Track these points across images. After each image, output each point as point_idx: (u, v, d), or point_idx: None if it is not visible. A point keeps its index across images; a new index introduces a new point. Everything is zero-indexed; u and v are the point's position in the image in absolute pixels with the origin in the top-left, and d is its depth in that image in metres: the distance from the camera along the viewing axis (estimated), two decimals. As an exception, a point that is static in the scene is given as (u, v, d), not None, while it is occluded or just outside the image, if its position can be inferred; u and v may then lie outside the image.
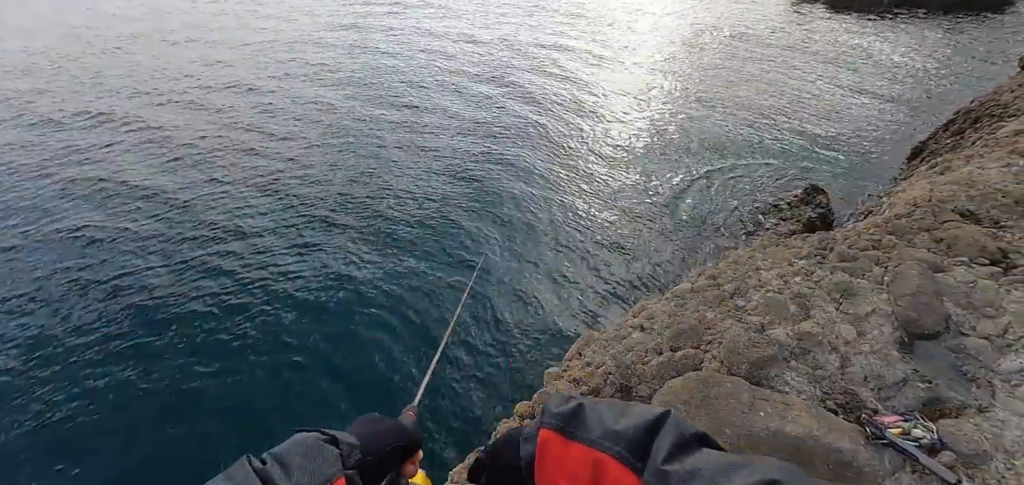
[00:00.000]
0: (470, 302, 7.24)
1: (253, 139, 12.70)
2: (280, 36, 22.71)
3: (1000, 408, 2.98)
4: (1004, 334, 3.12)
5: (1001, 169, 4.93)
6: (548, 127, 13.14)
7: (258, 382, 6.28)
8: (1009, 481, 2.74)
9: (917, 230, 4.29)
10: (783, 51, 19.43)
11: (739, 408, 2.79)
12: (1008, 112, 7.89)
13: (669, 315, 3.78)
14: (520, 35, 21.84)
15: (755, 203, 9.83)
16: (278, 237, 8.97)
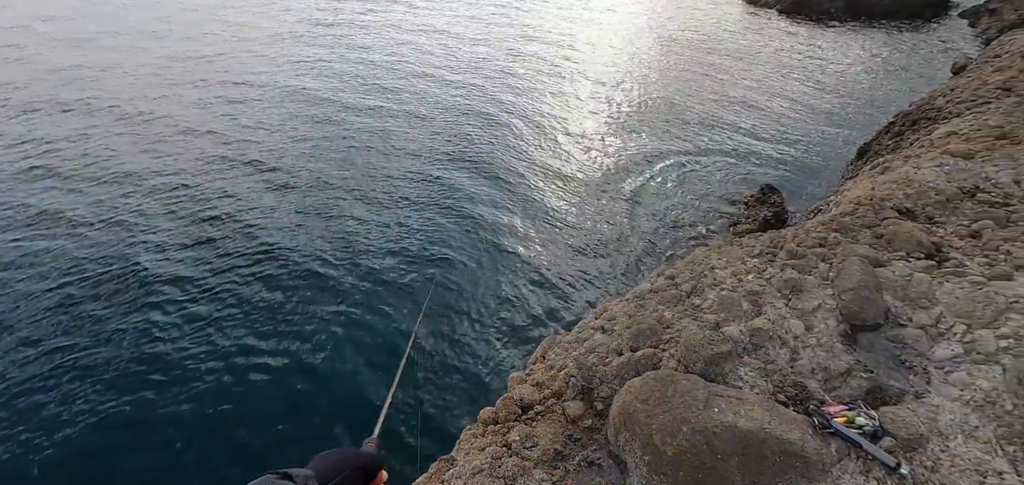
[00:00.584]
0: (433, 310, 7.16)
1: (213, 146, 12.26)
2: (243, 34, 22.05)
3: (935, 394, 3.17)
4: (937, 324, 3.32)
5: (935, 168, 5.25)
6: (505, 136, 13.17)
7: (214, 414, 6.00)
8: (943, 462, 2.91)
9: (860, 227, 4.52)
10: (739, 55, 20.16)
11: (695, 405, 2.86)
12: (941, 115, 8.42)
13: (629, 316, 3.85)
14: (474, 49, 21.87)
15: (713, 203, 10.14)
16: (232, 250, 8.66)
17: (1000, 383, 3.02)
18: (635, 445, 3.04)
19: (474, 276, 8.04)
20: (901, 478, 2.80)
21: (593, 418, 3.44)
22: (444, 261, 8.32)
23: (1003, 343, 3.07)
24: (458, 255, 8.51)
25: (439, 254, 8.49)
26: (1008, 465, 2.85)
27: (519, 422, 3.66)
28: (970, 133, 6.68)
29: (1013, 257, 4.09)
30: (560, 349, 4.10)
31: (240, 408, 6.04)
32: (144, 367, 6.54)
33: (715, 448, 2.76)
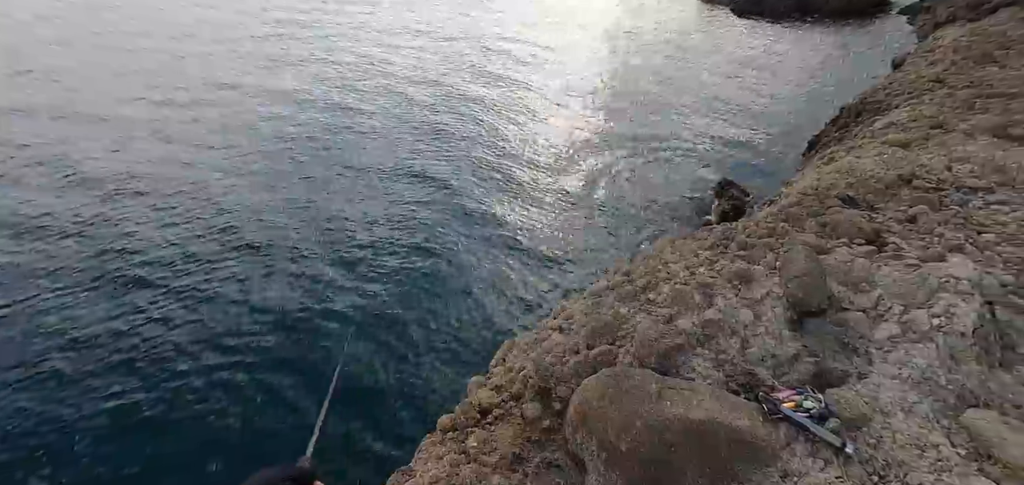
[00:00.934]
0: (392, 318, 7.03)
1: (163, 160, 11.72)
2: (201, 34, 21.21)
3: (876, 373, 3.28)
4: (877, 306, 3.45)
5: (875, 158, 5.49)
6: (464, 135, 13.14)
7: (157, 435, 5.72)
8: (885, 439, 3.02)
9: (806, 216, 4.67)
10: (697, 53, 20.73)
11: (647, 399, 2.88)
12: (882, 107, 8.84)
13: (586, 314, 3.86)
14: (437, 46, 21.74)
15: (673, 198, 10.35)
16: (170, 269, 8.28)
17: (934, 360, 3.16)
18: (592, 443, 3.03)
19: (438, 280, 7.93)
20: (847, 457, 2.89)
21: (551, 418, 3.43)
22: (403, 269, 8.18)
23: (936, 321, 3.21)
24: (418, 259, 8.39)
25: (397, 259, 8.35)
26: (944, 437, 2.98)
27: (478, 427, 3.61)
28: (907, 123, 7.03)
29: (946, 239, 4.31)
30: (519, 351, 4.07)
31: (168, 431, 5.78)
32: (62, 390, 6.19)
33: (667, 441, 2.78)
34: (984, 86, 8.21)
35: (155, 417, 5.93)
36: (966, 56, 9.78)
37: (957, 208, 4.79)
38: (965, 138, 6.38)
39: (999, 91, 7.92)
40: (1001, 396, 3.14)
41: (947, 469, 2.81)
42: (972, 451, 2.90)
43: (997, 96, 7.70)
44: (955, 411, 3.09)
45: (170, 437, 5.69)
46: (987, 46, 10.20)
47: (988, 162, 5.78)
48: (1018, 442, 2.78)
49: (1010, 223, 4.65)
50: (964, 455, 2.89)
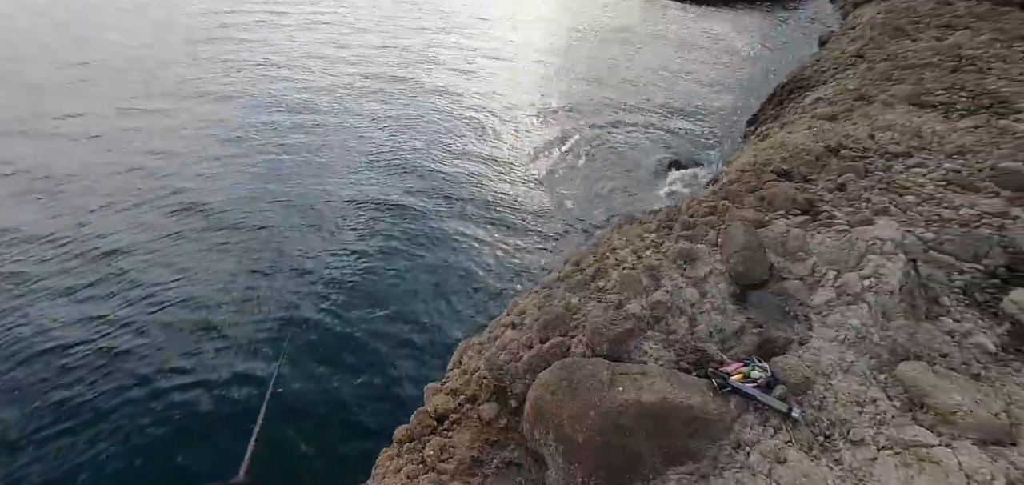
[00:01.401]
0: (340, 327, 6.76)
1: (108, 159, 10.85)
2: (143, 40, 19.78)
3: (816, 337, 3.41)
4: (813, 273, 3.58)
5: (805, 132, 5.74)
6: (405, 137, 12.84)
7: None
8: (828, 399, 3.13)
9: (745, 192, 4.81)
10: (641, 42, 21.19)
11: (600, 388, 2.86)
12: (811, 84, 9.31)
13: (538, 307, 3.82)
14: (383, 43, 21.30)
15: (622, 183, 10.50)
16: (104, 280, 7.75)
17: (867, 319, 3.31)
18: (549, 437, 2.99)
19: (387, 285, 7.66)
20: (794, 422, 2.98)
21: (508, 417, 3.37)
22: (351, 271, 7.89)
23: (866, 282, 3.36)
24: (364, 264, 8.08)
25: (341, 265, 8.03)
26: (880, 391, 3.13)
27: (435, 434, 3.50)
28: (833, 97, 7.41)
29: (872, 204, 4.54)
30: (474, 351, 3.99)
31: (85, 455, 5.40)
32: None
33: (622, 427, 2.77)
34: (899, 59, 8.78)
35: (63, 439, 5.50)
36: (882, 32, 10.43)
37: (881, 174, 5.06)
38: (885, 108, 6.79)
39: (912, 63, 8.48)
40: (929, 347, 3.33)
41: (885, 421, 2.94)
42: (906, 402, 3.05)
43: (911, 67, 8.25)
44: (889, 366, 3.25)
45: (87, 463, 5.27)
46: (900, 21, 10.93)
47: (906, 129, 6.16)
48: (946, 389, 2.94)
49: (927, 184, 4.96)
50: (899, 406, 3.03)
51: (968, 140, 5.80)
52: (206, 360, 6.46)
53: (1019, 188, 4.80)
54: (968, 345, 3.32)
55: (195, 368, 6.34)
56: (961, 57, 8.47)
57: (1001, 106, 6.76)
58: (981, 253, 4.01)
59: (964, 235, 4.15)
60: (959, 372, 3.14)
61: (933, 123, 6.27)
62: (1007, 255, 4.01)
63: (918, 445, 2.72)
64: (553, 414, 2.96)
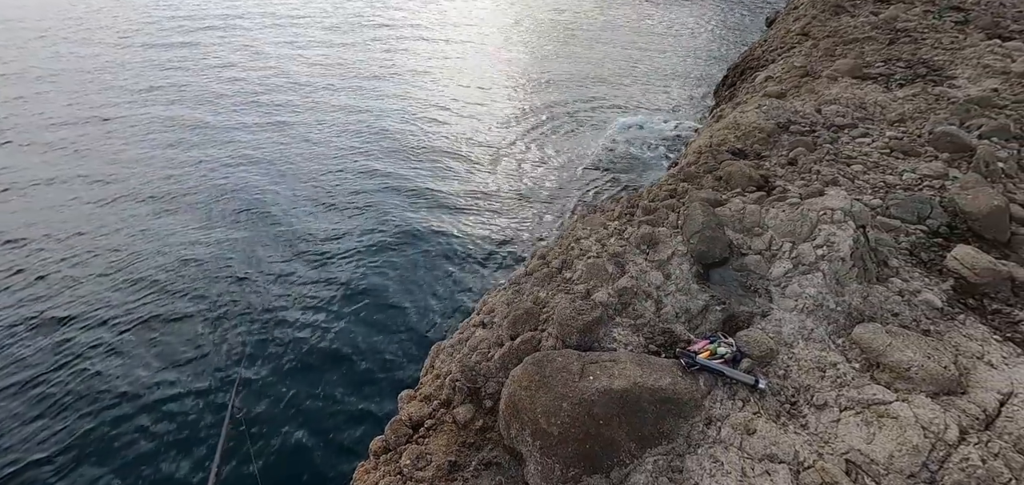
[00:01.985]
0: (304, 339, 6.57)
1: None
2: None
3: (777, 309, 3.51)
4: (770, 247, 3.68)
5: (756, 110, 5.91)
6: (363, 138, 12.65)
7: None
8: (792, 368, 3.23)
9: (703, 173, 4.92)
10: (599, 31, 21.43)
11: (571, 379, 2.86)
12: (760, 63, 9.61)
13: (507, 304, 3.80)
14: (331, 43, 20.86)
15: (588, 174, 10.60)
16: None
17: (823, 287, 3.43)
18: (525, 434, 2.98)
19: (354, 292, 7.49)
20: (761, 393, 3.05)
21: (484, 417, 3.34)
22: (313, 281, 7.68)
23: (819, 251, 3.48)
24: (328, 273, 7.88)
25: (302, 274, 7.82)
26: (840, 355, 3.24)
27: (411, 443, 3.44)
28: (781, 75, 7.67)
29: (822, 175, 4.72)
30: (446, 354, 3.94)
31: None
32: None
33: (596, 415, 2.78)
34: (840, 35, 9.16)
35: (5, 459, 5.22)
36: (823, 9, 10.86)
37: (829, 146, 5.26)
38: (829, 82, 7.07)
39: (853, 37, 8.87)
40: (881, 308, 3.47)
41: (845, 383, 3.05)
42: (864, 363, 3.17)
43: (851, 42, 8.62)
44: (846, 330, 3.38)
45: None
46: (839, -1, 11.39)
47: (850, 101, 6.43)
48: (899, 347, 3.07)
49: (872, 153, 5.19)
50: (858, 368, 3.16)
51: (907, 108, 6.11)
52: (159, 376, 6.18)
53: (956, 150, 5.08)
54: (917, 303, 3.48)
55: (147, 385, 6.06)
56: (897, 30, 8.91)
57: (935, 74, 7.14)
58: (924, 214, 4.23)
59: (908, 198, 4.35)
60: (911, 329, 3.29)
61: (875, 94, 6.57)
62: (947, 215, 4.24)
63: (877, 403, 2.83)
64: (527, 409, 2.94)
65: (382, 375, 6.14)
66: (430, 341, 6.46)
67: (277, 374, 6.18)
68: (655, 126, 12.68)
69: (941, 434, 2.60)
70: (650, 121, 12.89)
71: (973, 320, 3.39)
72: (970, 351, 3.16)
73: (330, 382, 6.11)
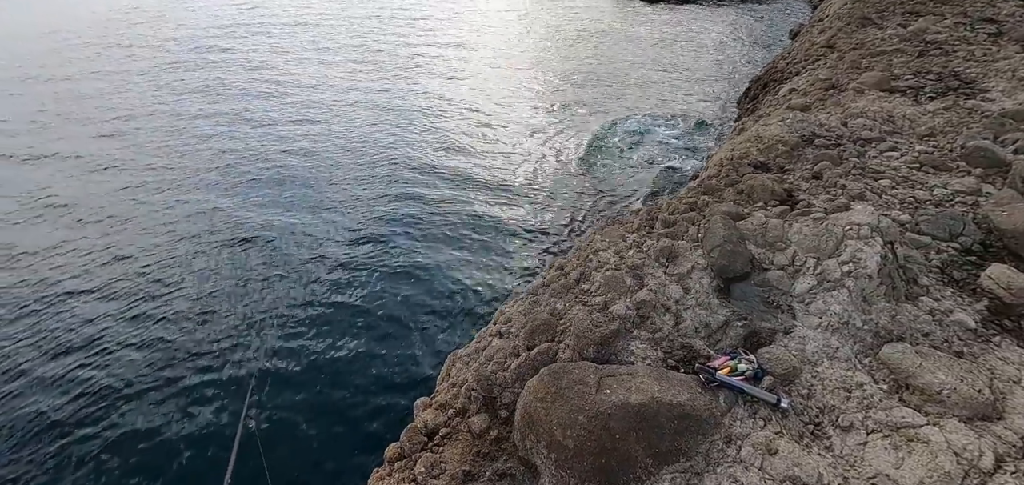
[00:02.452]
0: (322, 342, 6.63)
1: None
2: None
3: (800, 326, 3.43)
4: (793, 262, 3.60)
5: (779, 123, 5.81)
6: (386, 144, 12.84)
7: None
8: (816, 387, 3.14)
9: (725, 186, 4.85)
10: (619, 42, 21.38)
11: (588, 392, 2.83)
12: (784, 76, 9.46)
13: (524, 314, 3.79)
14: (355, 48, 21.29)
15: (604, 186, 10.53)
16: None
17: (849, 304, 3.33)
18: (540, 446, 2.95)
19: (372, 296, 7.54)
20: (783, 412, 2.97)
21: (499, 428, 3.32)
22: (333, 283, 7.76)
23: (845, 268, 3.39)
24: (347, 276, 7.96)
25: (322, 278, 7.91)
26: (867, 376, 3.14)
27: (425, 450, 3.44)
28: (806, 88, 7.53)
29: (848, 190, 4.60)
30: (462, 363, 3.94)
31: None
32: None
33: (612, 429, 2.75)
34: (867, 47, 8.98)
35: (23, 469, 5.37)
36: (849, 22, 10.66)
37: (855, 160, 5.14)
38: (856, 95, 6.92)
39: (880, 49, 8.67)
40: (911, 327, 3.36)
41: (873, 405, 2.95)
42: (892, 384, 3.07)
43: (879, 54, 8.43)
44: (873, 349, 3.27)
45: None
46: (866, 10, 11.18)
47: (878, 114, 6.28)
48: (930, 368, 2.96)
49: (901, 167, 5.05)
50: (886, 389, 3.05)
51: (938, 122, 5.94)
52: (176, 386, 6.31)
53: (990, 165, 4.91)
54: (949, 323, 3.36)
55: (162, 384, 6.20)
56: (926, 42, 8.69)
57: (967, 87, 6.93)
58: (956, 231, 4.09)
59: (939, 214, 4.22)
60: (942, 350, 3.17)
61: (903, 107, 6.40)
62: (982, 232, 4.09)
63: (906, 426, 2.73)
64: (543, 421, 2.92)
65: (397, 381, 6.16)
66: (447, 348, 6.49)
67: (292, 376, 6.25)
68: (675, 137, 12.57)
69: (975, 461, 2.49)
70: (670, 132, 12.80)
71: (1009, 342, 3.26)
72: (1006, 375, 3.03)
73: (346, 386, 6.15)
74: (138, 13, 30.62)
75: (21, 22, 29.48)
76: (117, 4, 32.57)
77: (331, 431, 5.63)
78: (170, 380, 6.36)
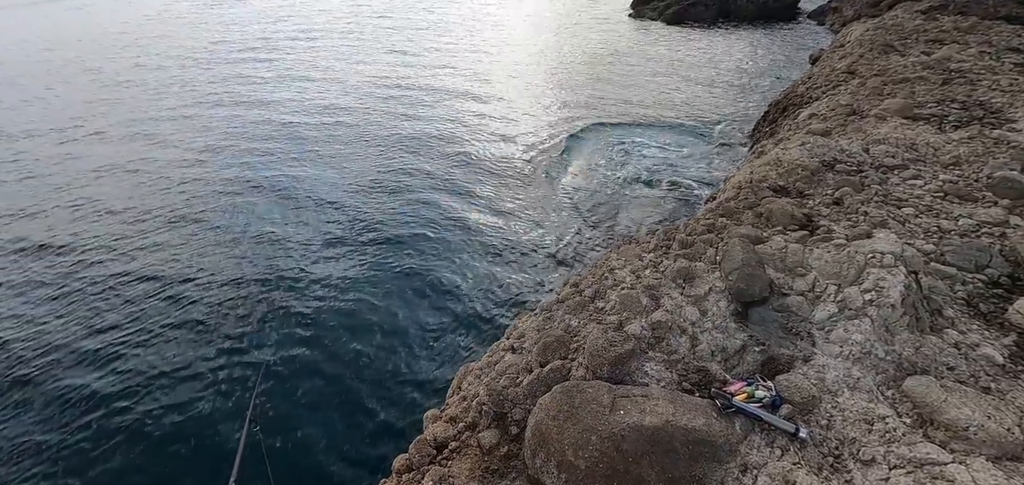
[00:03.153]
0: (330, 352, 6.64)
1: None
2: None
3: (820, 354, 3.35)
4: (813, 288, 3.54)
5: (799, 147, 5.75)
6: (410, 156, 12.97)
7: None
8: (836, 418, 3.06)
9: (743, 209, 4.80)
10: (638, 63, 21.47)
11: (601, 412, 2.79)
12: (804, 100, 9.39)
13: (538, 330, 3.76)
14: (378, 70, 21.64)
15: (622, 204, 10.49)
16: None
17: (871, 334, 3.25)
18: (551, 465, 2.91)
19: (382, 306, 7.54)
20: (801, 442, 2.90)
21: (509, 444, 3.28)
22: (342, 291, 7.79)
23: (867, 296, 3.32)
24: (356, 284, 7.98)
25: (330, 286, 7.95)
26: (889, 409, 3.05)
27: (434, 464, 3.41)
28: (826, 113, 7.46)
29: (870, 217, 4.53)
30: (473, 377, 3.92)
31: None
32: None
33: (625, 452, 2.70)
34: (889, 74, 8.88)
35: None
36: (871, 49, 10.58)
37: (877, 187, 5.06)
38: (878, 122, 6.84)
39: (903, 77, 8.58)
40: (936, 360, 3.27)
41: (895, 439, 2.86)
42: (916, 418, 2.98)
43: (901, 81, 8.34)
44: (896, 381, 3.18)
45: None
46: (888, 37, 11.09)
47: (901, 141, 6.19)
48: (956, 403, 2.87)
49: (924, 195, 4.96)
50: (909, 423, 2.96)
51: (963, 151, 5.83)
52: (181, 380, 6.35)
53: (1017, 196, 4.80)
54: (975, 357, 3.26)
55: (167, 389, 6.24)
56: (950, 70, 8.57)
57: (993, 116, 6.81)
58: (983, 263, 3.99)
59: (964, 245, 4.12)
60: (968, 385, 3.08)
61: (927, 135, 6.31)
62: (1009, 264, 3.99)
63: (931, 463, 2.64)
64: (555, 440, 2.88)
65: (407, 392, 6.14)
66: (458, 361, 6.46)
67: (300, 384, 6.26)
68: (693, 158, 12.50)
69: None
70: (688, 152, 12.74)
71: (1040, 380, 3.14)
72: (1036, 414, 2.92)
73: (354, 396, 6.14)
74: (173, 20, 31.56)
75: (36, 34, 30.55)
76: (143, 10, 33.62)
77: (338, 438, 5.61)
78: (173, 384, 6.39)
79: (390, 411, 5.85)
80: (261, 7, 39.65)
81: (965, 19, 11.61)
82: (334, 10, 36.25)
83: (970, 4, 13.78)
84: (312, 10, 37.26)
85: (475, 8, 36.08)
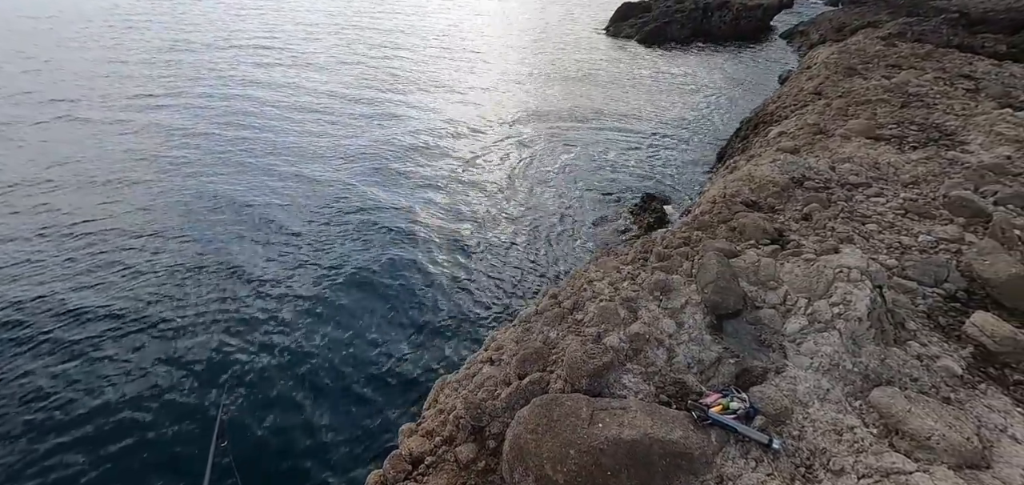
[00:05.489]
0: (299, 363, 6.46)
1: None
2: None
3: (792, 366, 3.43)
4: (784, 301, 3.63)
5: (770, 163, 5.94)
6: (389, 163, 12.87)
7: None
8: (807, 429, 3.13)
9: (717, 223, 4.91)
10: (613, 82, 21.85)
11: (580, 425, 2.79)
12: (774, 118, 9.71)
13: (516, 342, 3.75)
14: (356, 88, 21.46)
15: (600, 215, 10.62)
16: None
17: (839, 346, 3.36)
18: (529, 479, 2.89)
19: (355, 314, 7.39)
20: (775, 453, 2.95)
21: (487, 458, 3.24)
22: (311, 299, 7.60)
23: (835, 309, 3.42)
24: (327, 290, 7.79)
25: (298, 293, 7.76)
26: (857, 419, 3.15)
27: (410, 480, 3.34)
28: (795, 131, 7.73)
29: (837, 232, 4.69)
30: (450, 390, 3.87)
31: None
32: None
33: (604, 465, 2.70)
34: (853, 96, 9.28)
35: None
36: (836, 71, 11.05)
37: (843, 204, 5.25)
38: (843, 141, 7.12)
39: (866, 99, 8.97)
40: (900, 372, 3.38)
41: (863, 449, 2.95)
42: (882, 428, 3.07)
43: (864, 103, 8.72)
44: (863, 392, 3.28)
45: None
46: (852, 61, 11.61)
47: (864, 160, 6.45)
48: (919, 414, 2.97)
49: (887, 212, 5.17)
50: (876, 433, 3.05)
51: (921, 171, 6.11)
52: (143, 394, 6.06)
53: (972, 215, 5.06)
54: (936, 369, 3.39)
55: (128, 406, 5.94)
56: (909, 94, 9.02)
57: (948, 139, 7.18)
58: (941, 278, 4.17)
59: (924, 261, 4.31)
60: (930, 396, 3.19)
61: (888, 155, 6.60)
62: (965, 279, 4.18)
63: (897, 472, 2.72)
64: (533, 454, 2.86)
65: (382, 406, 6.01)
66: (434, 374, 6.37)
67: (269, 398, 6.04)
68: (668, 171, 12.76)
69: (966, 510, 2.48)
70: (663, 167, 13.00)
71: (995, 390, 3.29)
72: (992, 423, 3.06)
73: (327, 410, 5.97)
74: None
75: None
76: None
77: (311, 455, 5.44)
78: (134, 400, 6.08)
79: (364, 425, 5.71)
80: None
81: (921, 46, 12.25)
82: (314, 17, 35.76)
83: (926, 33, 14.56)
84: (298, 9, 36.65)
85: (448, 22, 36.20)
